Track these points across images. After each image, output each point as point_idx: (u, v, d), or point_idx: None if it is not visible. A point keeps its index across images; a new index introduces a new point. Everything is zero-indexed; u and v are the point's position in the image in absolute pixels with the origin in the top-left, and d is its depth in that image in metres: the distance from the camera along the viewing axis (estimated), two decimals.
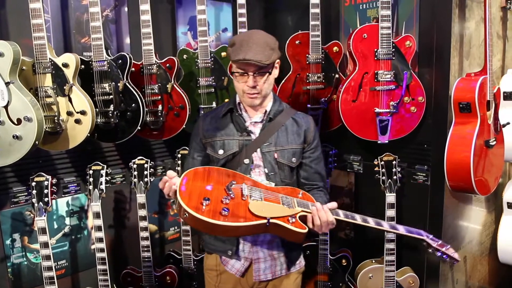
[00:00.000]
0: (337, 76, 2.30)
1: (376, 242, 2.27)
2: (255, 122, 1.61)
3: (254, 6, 2.71)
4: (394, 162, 2.09)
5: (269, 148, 1.57)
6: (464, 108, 1.94)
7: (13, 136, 1.71)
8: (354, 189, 2.61)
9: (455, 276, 2.30)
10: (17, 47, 1.72)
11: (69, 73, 1.86)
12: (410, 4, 2.13)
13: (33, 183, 1.89)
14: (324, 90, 2.31)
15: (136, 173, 2.18)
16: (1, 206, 2.04)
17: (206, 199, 1.32)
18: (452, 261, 1.50)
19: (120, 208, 2.45)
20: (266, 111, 1.60)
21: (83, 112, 1.88)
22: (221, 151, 1.58)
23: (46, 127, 1.84)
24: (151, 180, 2.20)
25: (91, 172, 2.06)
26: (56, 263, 2.22)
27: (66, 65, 1.85)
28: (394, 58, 2.05)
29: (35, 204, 1.89)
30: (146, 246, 2.24)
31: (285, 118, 1.61)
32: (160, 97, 2.18)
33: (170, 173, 1.41)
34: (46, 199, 1.89)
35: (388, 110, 2.08)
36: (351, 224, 2.61)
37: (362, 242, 2.55)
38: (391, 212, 2.07)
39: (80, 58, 1.93)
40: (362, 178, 2.50)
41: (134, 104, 2.05)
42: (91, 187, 2.05)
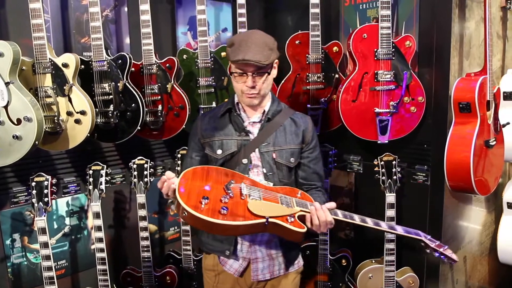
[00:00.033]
0: (337, 76, 2.30)
1: (376, 242, 2.27)
2: (254, 122, 1.61)
3: (254, 6, 2.71)
4: (394, 162, 2.09)
5: (268, 148, 1.57)
6: (464, 108, 1.94)
7: (13, 136, 1.71)
8: (354, 189, 2.61)
9: (455, 276, 2.30)
10: (17, 47, 1.72)
11: (69, 73, 1.86)
12: (410, 4, 2.13)
13: (33, 183, 1.90)
14: (324, 90, 2.31)
15: (136, 173, 2.18)
16: (1, 206, 2.04)
17: (205, 198, 1.32)
18: (450, 262, 1.50)
19: (120, 208, 2.45)
20: (265, 111, 1.61)
21: (83, 112, 1.88)
22: (220, 151, 1.59)
23: (46, 127, 1.84)
24: (151, 180, 2.20)
25: (91, 172, 2.07)
26: (56, 263, 2.22)
27: (66, 65, 1.85)
28: (394, 58, 2.05)
29: (35, 204, 1.89)
30: (146, 246, 2.24)
31: (284, 118, 1.61)
32: (160, 97, 2.18)
33: (169, 174, 1.41)
34: (46, 199, 1.89)
35: (388, 110, 2.08)
36: (351, 224, 2.61)
37: (362, 242, 2.55)
38: (391, 212, 2.07)
39: (80, 58, 1.93)
40: (362, 178, 2.50)
41: (134, 104, 2.05)
42: (91, 187, 2.05)
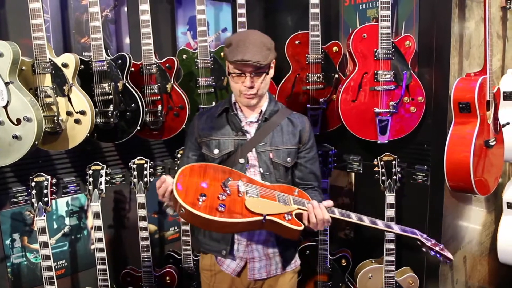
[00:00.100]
0: (337, 76, 2.30)
1: (376, 242, 2.27)
2: (251, 122, 1.61)
3: (254, 6, 2.71)
4: (394, 162, 2.09)
5: (264, 148, 1.57)
6: (464, 108, 1.93)
7: (13, 136, 1.71)
8: (354, 189, 2.61)
9: (455, 276, 2.30)
10: (17, 47, 1.72)
11: (69, 73, 1.86)
12: (410, 4, 2.13)
13: (33, 183, 1.90)
14: (324, 90, 2.31)
15: (136, 173, 2.18)
16: (1, 206, 2.04)
17: (203, 195, 1.32)
18: (446, 261, 1.50)
19: (120, 208, 2.45)
20: (262, 111, 1.61)
21: (83, 112, 1.88)
22: (216, 151, 1.59)
23: (46, 127, 1.84)
24: (151, 180, 2.20)
25: (91, 172, 2.07)
26: (56, 263, 2.22)
27: (66, 65, 1.85)
28: (394, 58, 2.05)
29: (35, 204, 1.89)
30: (146, 246, 2.24)
31: (281, 118, 1.61)
32: (160, 97, 2.18)
33: (169, 178, 1.40)
34: (46, 199, 1.89)
35: (388, 110, 2.08)
36: (351, 224, 2.61)
37: (362, 242, 2.55)
38: (391, 212, 2.07)
39: (80, 58, 1.94)
40: (362, 178, 2.50)
41: (134, 104, 2.05)
42: (91, 187, 2.05)
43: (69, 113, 1.87)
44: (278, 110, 1.63)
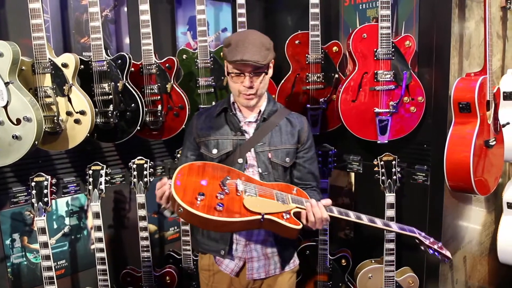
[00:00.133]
0: (337, 76, 2.30)
1: (376, 242, 2.27)
2: (249, 122, 1.61)
3: (254, 6, 2.71)
4: (394, 162, 2.09)
5: (263, 148, 1.57)
6: (464, 108, 1.93)
7: (13, 136, 1.71)
8: (354, 189, 2.61)
9: (455, 276, 2.30)
10: (17, 47, 1.72)
11: (69, 73, 1.86)
12: (410, 4, 2.13)
13: (33, 183, 1.90)
14: (324, 90, 2.31)
15: (136, 173, 2.18)
16: (1, 206, 2.04)
17: (201, 194, 1.32)
18: (444, 259, 1.50)
19: (120, 208, 2.45)
20: (260, 111, 1.61)
21: (83, 112, 1.88)
22: (215, 151, 1.59)
23: (46, 127, 1.84)
24: (151, 180, 2.20)
25: (91, 172, 2.07)
26: (56, 263, 2.22)
27: (66, 65, 1.85)
28: (394, 58, 2.05)
29: (35, 204, 1.89)
30: (146, 246, 2.24)
31: (279, 118, 1.61)
32: (160, 97, 2.18)
33: (168, 182, 1.40)
34: (46, 199, 1.90)
35: (388, 110, 2.08)
36: (351, 224, 2.61)
37: (362, 242, 2.55)
38: (391, 212, 2.07)
39: (80, 58, 1.94)
40: (362, 178, 2.50)
41: (134, 104, 2.05)
42: (91, 187, 2.05)
43: (69, 113, 1.87)
44: (277, 110, 1.63)
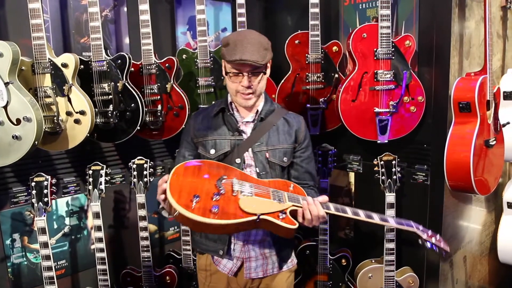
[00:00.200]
0: (337, 76, 2.30)
1: (376, 242, 2.27)
2: (247, 122, 1.62)
3: (254, 6, 2.71)
4: (394, 162, 2.09)
5: (261, 148, 1.58)
6: (464, 108, 1.93)
7: (13, 136, 1.71)
8: (354, 189, 2.61)
9: (455, 276, 2.30)
10: (16, 47, 1.72)
11: (68, 73, 1.86)
12: (410, 4, 2.13)
13: (33, 183, 1.90)
14: (324, 90, 2.31)
15: (136, 173, 2.18)
16: (1, 206, 2.04)
17: (196, 196, 1.31)
18: (442, 252, 1.50)
19: (120, 208, 2.45)
20: (258, 111, 1.61)
21: (83, 112, 1.88)
22: (213, 151, 1.59)
23: (46, 127, 1.84)
24: (151, 180, 2.20)
25: (91, 172, 2.07)
26: (56, 263, 2.22)
27: (65, 65, 1.85)
28: (394, 58, 2.05)
29: (35, 204, 1.89)
30: (146, 246, 2.24)
31: (277, 118, 1.62)
32: (160, 97, 2.18)
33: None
34: (46, 199, 1.90)
35: (388, 110, 2.08)
36: (351, 224, 2.61)
37: (362, 242, 2.55)
38: (391, 212, 2.07)
39: (79, 58, 1.94)
40: (362, 178, 2.50)
41: (134, 104, 2.05)
42: (91, 187, 2.05)
43: (69, 113, 1.87)
44: (274, 110, 1.64)
